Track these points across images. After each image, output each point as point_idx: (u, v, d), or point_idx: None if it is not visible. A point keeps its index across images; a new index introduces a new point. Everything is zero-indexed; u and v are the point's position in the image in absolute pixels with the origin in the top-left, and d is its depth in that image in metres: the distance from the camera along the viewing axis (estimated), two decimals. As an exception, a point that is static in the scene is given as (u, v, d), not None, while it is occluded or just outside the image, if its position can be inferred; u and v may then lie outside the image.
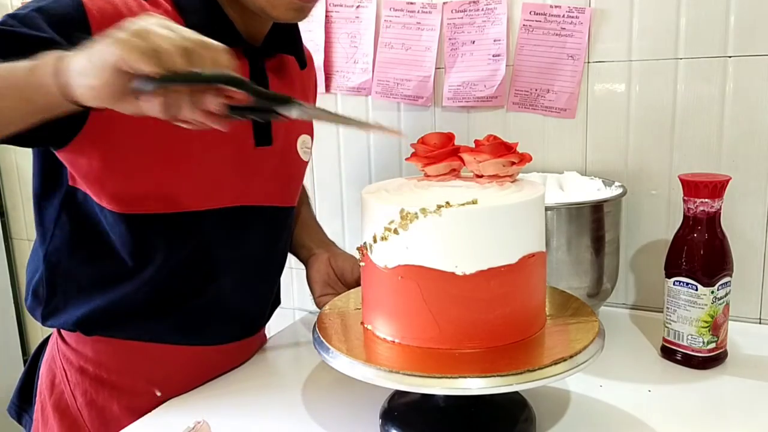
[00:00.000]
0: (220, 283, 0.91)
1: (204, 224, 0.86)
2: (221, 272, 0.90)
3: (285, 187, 0.97)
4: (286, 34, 0.94)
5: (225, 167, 0.86)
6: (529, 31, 1.20)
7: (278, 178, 0.94)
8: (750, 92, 1.07)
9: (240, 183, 0.89)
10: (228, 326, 0.95)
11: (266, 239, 0.96)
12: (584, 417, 0.84)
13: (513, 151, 0.78)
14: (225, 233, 0.89)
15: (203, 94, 0.61)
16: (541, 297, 0.78)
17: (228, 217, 0.88)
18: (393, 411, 0.82)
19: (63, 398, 0.92)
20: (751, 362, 0.97)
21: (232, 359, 0.99)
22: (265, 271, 0.99)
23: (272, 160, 0.92)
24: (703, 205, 0.92)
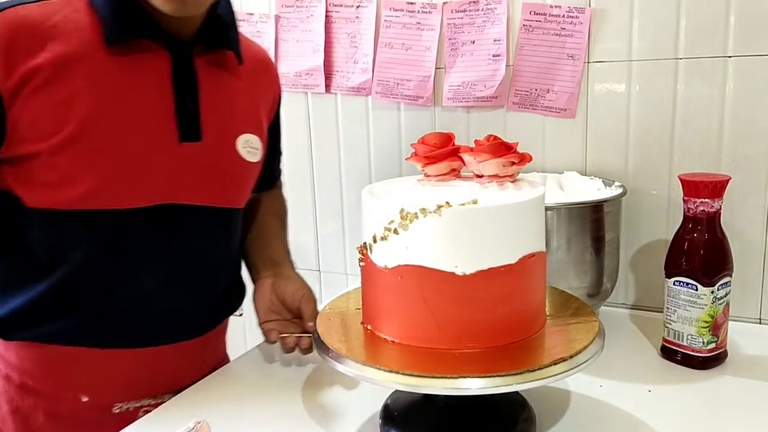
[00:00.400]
0: (143, 284, 0.87)
1: (125, 222, 0.83)
2: (143, 272, 0.87)
3: (222, 187, 0.92)
4: (219, 30, 0.90)
5: (146, 164, 0.83)
6: (529, 31, 1.20)
7: (212, 177, 0.89)
8: (750, 92, 1.07)
9: (164, 180, 0.85)
10: (154, 328, 0.90)
11: (199, 240, 0.91)
12: (584, 417, 0.84)
13: (513, 151, 0.78)
14: (148, 232, 0.85)
15: None
16: (541, 297, 0.78)
17: (152, 215, 0.84)
18: (393, 411, 0.82)
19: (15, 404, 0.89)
20: (751, 362, 0.97)
21: (175, 363, 0.94)
22: (199, 274, 0.93)
23: (203, 158, 0.88)
24: (703, 205, 0.92)
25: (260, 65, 1.01)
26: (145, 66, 0.83)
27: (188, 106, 0.86)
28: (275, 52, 1.43)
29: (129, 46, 0.81)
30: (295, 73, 1.41)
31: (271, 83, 1.03)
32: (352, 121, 1.40)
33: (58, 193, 0.80)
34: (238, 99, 0.93)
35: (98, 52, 0.80)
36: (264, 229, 1.08)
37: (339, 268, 1.49)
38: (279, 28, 1.42)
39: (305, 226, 1.50)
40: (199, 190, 0.88)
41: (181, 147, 0.85)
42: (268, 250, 1.06)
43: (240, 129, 0.93)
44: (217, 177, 0.90)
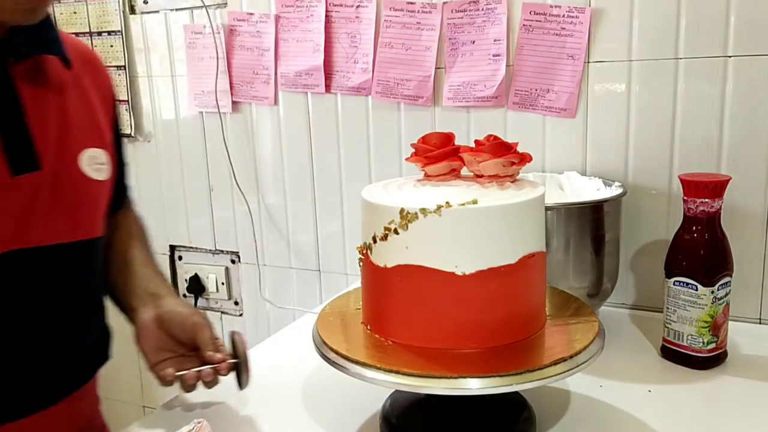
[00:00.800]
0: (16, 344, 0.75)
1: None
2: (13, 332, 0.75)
3: (74, 218, 0.79)
4: (35, 32, 0.74)
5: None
6: (529, 30, 1.20)
7: (61, 209, 0.76)
8: (750, 92, 1.07)
9: (5, 225, 0.71)
10: (18, 397, 0.77)
11: (59, 284, 0.79)
12: (584, 417, 0.84)
13: (513, 151, 0.78)
14: (5, 286, 0.73)
15: None
16: (541, 297, 0.78)
17: (7, 266, 0.72)
18: (393, 411, 0.82)
19: None
20: (751, 362, 0.97)
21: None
22: (64, 324, 0.81)
23: (46, 188, 0.74)
24: (703, 205, 0.92)
25: (88, 66, 0.85)
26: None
27: (15, 131, 0.72)
28: (275, 52, 1.43)
29: None
30: (295, 73, 1.41)
31: (103, 84, 0.88)
32: (352, 121, 1.40)
33: None
34: (72, 111, 0.79)
35: None
36: (128, 261, 0.92)
37: (339, 268, 1.49)
38: (279, 28, 1.42)
39: (305, 226, 1.50)
40: (49, 227, 0.75)
41: (16, 181, 0.71)
42: (141, 283, 0.90)
43: (80, 145, 0.79)
44: (67, 207, 0.77)
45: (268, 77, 1.45)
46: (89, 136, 0.81)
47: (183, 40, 1.52)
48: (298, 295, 1.56)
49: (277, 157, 1.50)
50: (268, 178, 1.52)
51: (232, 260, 1.61)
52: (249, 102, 1.49)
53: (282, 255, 1.54)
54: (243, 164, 1.52)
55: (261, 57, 1.45)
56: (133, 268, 0.91)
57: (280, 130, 1.48)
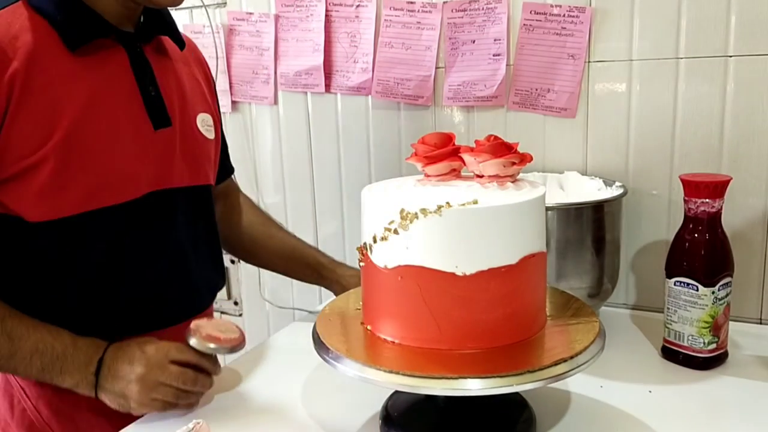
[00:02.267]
0: (154, 269, 0.91)
1: (125, 216, 0.86)
2: (152, 259, 0.91)
3: (197, 166, 0.97)
4: (159, 16, 0.94)
5: (132, 155, 0.86)
6: (530, 30, 1.20)
7: (187, 159, 0.94)
8: (750, 92, 1.07)
9: (151, 169, 0.89)
10: (173, 308, 0.95)
11: (190, 219, 0.96)
12: (584, 418, 0.83)
13: (513, 151, 0.77)
14: (148, 220, 0.89)
15: None
16: (541, 297, 0.78)
17: (147, 204, 0.88)
18: (393, 411, 0.82)
19: (26, 415, 0.91)
20: (752, 362, 0.97)
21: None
22: (199, 250, 0.98)
23: (176, 141, 0.92)
24: (704, 205, 0.92)
25: (191, 50, 1.04)
26: (107, 64, 0.86)
27: (152, 95, 0.89)
28: (275, 52, 1.43)
29: (88, 47, 0.84)
30: (294, 73, 1.41)
31: (202, 65, 1.07)
32: (352, 121, 1.40)
33: (58, 200, 0.81)
34: (185, 82, 0.97)
35: (62, 58, 0.82)
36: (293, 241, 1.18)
37: (339, 268, 1.48)
38: (279, 28, 1.42)
39: (305, 226, 1.49)
40: (181, 172, 0.93)
41: (157, 134, 0.89)
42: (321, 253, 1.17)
43: (195, 109, 0.98)
44: (191, 157, 0.95)
45: (267, 77, 1.45)
46: (199, 103, 1.00)
47: (183, 40, 1.52)
48: (298, 295, 1.55)
49: (277, 157, 1.49)
50: (268, 177, 1.52)
51: (231, 260, 1.61)
52: (248, 102, 1.49)
53: (282, 255, 1.54)
54: (243, 164, 1.52)
55: (260, 57, 1.44)
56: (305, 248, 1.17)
57: (280, 129, 1.48)
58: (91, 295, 0.87)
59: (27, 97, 0.78)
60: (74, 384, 0.83)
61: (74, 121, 0.81)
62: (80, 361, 0.83)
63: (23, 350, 0.81)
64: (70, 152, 0.81)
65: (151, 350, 0.84)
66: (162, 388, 0.82)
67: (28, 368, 0.82)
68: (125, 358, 0.83)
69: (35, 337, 0.82)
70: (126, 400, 0.83)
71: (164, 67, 0.93)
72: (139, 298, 0.91)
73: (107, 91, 0.85)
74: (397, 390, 0.79)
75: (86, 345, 0.84)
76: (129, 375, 0.82)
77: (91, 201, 0.83)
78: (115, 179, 0.85)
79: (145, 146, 0.88)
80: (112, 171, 0.85)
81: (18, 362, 0.82)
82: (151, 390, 0.82)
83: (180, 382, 0.83)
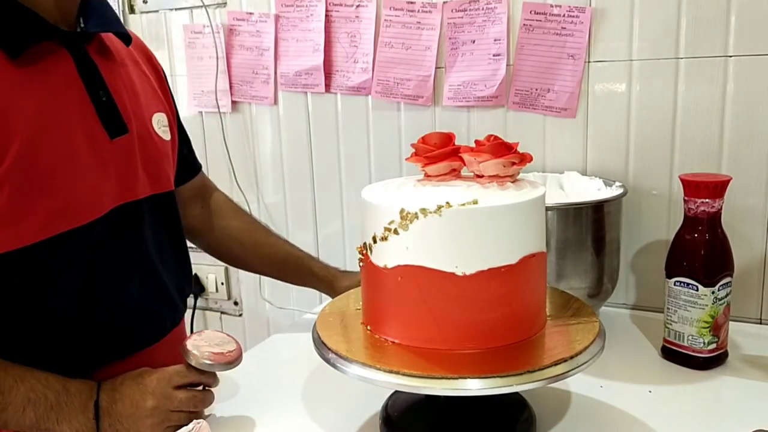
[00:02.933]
0: (126, 288, 0.86)
1: (91, 236, 0.80)
2: (122, 277, 0.85)
3: (158, 173, 0.91)
4: (98, 10, 0.85)
5: (91, 170, 0.79)
6: (530, 30, 1.20)
7: (148, 166, 0.88)
8: (750, 92, 1.07)
9: (112, 182, 0.82)
10: (149, 326, 0.91)
11: (157, 230, 0.91)
12: (584, 418, 0.83)
13: (514, 151, 0.77)
14: (115, 238, 0.83)
15: None
16: (541, 297, 0.78)
17: (112, 220, 0.82)
18: (393, 411, 0.82)
19: None
20: (752, 362, 0.97)
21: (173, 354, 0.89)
22: (169, 261, 0.94)
23: (134, 148, 0.86)
24: (704, 205, 0.92)
25: (138, 48, 0.97)
26: (52, 71, 0.78)
27: (103, 101, 0.82)
28: (275, 52, 1.43)
29: (30, 53, 0.75)
30: (294, 73, 1.41)
31: (150, 60, 0.99)
32: (352, 121, 1.40)
33: (18, 228, 0.74)
34: (135, 81, 0.90)
35: (3, 68, 0.73)
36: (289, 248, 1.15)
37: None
38: (279, 28, 1.42)
39: (305, 226, 1.49)
40: (143, 182, 0.88)
41: (114, 144, 0.82)
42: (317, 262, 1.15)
43: (150, 110, 0.91)
44: (151, 164, 0.89)
45: (267, 77, 1.45)
46: (153, 103, 0.93)
47: (182, 40, 1.52)
48: (297, 295, 1.55)
49: (277, 157, 1.49)
50: (268, 177, 1.52)
51: (231, 260, 1.61)
52: (249, 102, 1.49)
53: (282, 255, 1.54)
54: (242, 164, 1.52)
55: (261, 57, 1.44)
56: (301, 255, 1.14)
57: (280, 129, 1.48)
58: (66, 324, 0.81)
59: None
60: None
61: (26, 140, 0.73)
62: (76, 408, 0.78)
63: (15, 403, 0.75)
64: (25, 175, 0.73)
65: (153, 383, 0.80)
66: (174, 415, 0.80)
67: (20, 421, 0.75)
68: (127, 398, 0.79)
69: (25, 387, 0.76)
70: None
71: (112, 68, 0.85)
72: (117, 317, 0.85)
73: (57, 103, 0.77)
74: (397, 390, 0.79)
75: (78, 390, 0.78)
76: (138, 412, 0.78)
77: (54, 225, 0.76)
78: (76, 199, 0.78)
79: (104, 159, 0.81)
80: (72, 191, 0.77)
81: (9, 416, 0.75)
82: (164, 421, 0.79)
83: (192, 406, 0.81)
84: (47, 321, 0.79)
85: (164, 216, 0.93)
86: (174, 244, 0.97)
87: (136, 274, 0.87)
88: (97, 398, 0.79)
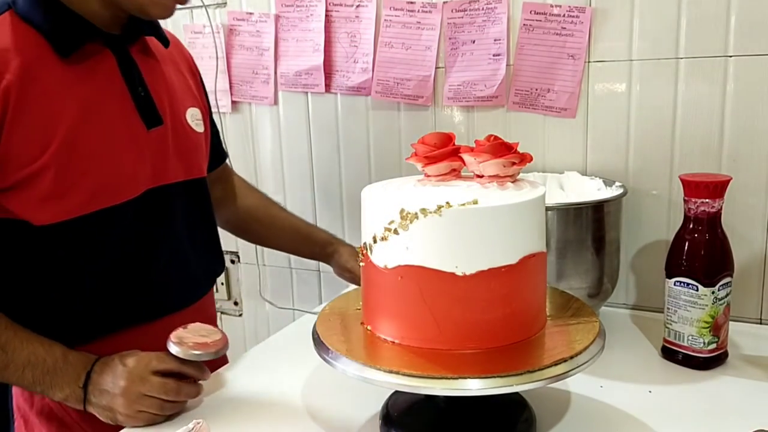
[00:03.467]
0: (156, 261, 0.95)
1: (126, 214, 0.89)
2: (153, 251, 0.94)
3: (190, 161, 1.00)
4: (143, 19, 0.94)
5: (128, 157, 0.89)
6: (530, 30, 1.20)
7: (181, 154, 0.98)
8: (750, 92, 1.07)
9: (147, 167, 0.92)
10: (174, 296, 0.98)
11: (189, 211, 1.00)
12: (584, 418, 0.83)
13: (514, 151, 0.77)
14: (148, 217, 0.92)
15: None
16: (541, 297, 0.78)
17: (146, 201, 0.92)
18: (393, 411, 0.82)
19: (45, 402, 0.93)
20: (752, 362, 0.97)
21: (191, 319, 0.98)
22: (197, 241, 1.02)
23: (168, 138, 0.95)
24: (704, 206, 0.92)
25: (175, 46, 1.06)
26: (97, 69, 0.88)
27: (142, 95, 0.92)
28: (275, 52, 1.43)
29: (78, 54, 0.85)
30: (294, 73, 1.41)
31: (187, 60, 1.10)
32: (351, 121, 1.40)
33: (61, 204, 0.84)
34: (172, 78, 1.00)
35: (54, 66, 0.84)
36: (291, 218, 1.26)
37: (339, 268, 1.48)
38: (279, 28, 1.42)
39: (305, 225, 1.49)
40: (175, 168, 0.97)
41: (150, 134, 0.92)
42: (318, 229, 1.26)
43: (184, 105, 1.01)
44: (184, 153, 0.98)
45: (267, 77, 1.45)
46: (187, 98, 1.02)
47: (182, 40, 1.52)
48: (298, 295, 1.55)
49: (277, 157, 1.49)
50: (268, 177, 1.52)
51: (231, 260, 1.61)
52: (249, 102, 1.49)
53: (282, 255, 1.53)
54: (243, 164, 1.52)
55: (261, 57, 1.44)
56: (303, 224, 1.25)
57: (280, 129, 1.48)
58: (96, 291, 0.90)
59: (23, 109, 0.80)
60: (64, 397, 0.85)
61: (70, 128, 0.83)
62: (70, 376, 0.84)
63: (16, 362, 0.83)
64: (69, 159, 0.83)
65: (132, 362, 0.84)
66: (146, 399, 0.83)
67: (20, 380, 0.84)
68: (109, 372, 0.84)
69: (28, 350, 0.83)
70: (113, 413, 0.84)
71: (151, 66, 0.96)
72: (141, 290, 0.94)
73: (100, 97, 0.87)
74: (397, 390, 0.79)
75: (76, 360, 0.85)
76: (113, 389, 0.83)
77: (93, 203, 0.86)
78: (114, 181, 0.88)
79: (140, 146, 0.91)
80: (110, 173, 0.88)
81: (11, 374, 0.83)
82: (134, 402, 0.83)
83: (162, 393, 0.83)
84: (81, 287, 0.88)
85: (195, 200, 1.02)
86: (205, 226, 1.06)
87: (164, 250, 0.96)
88: (90, 371, 0.85)
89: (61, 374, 0.84)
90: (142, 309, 0.94)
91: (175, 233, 0.98)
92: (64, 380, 0.84)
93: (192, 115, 1.02)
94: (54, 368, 0.84)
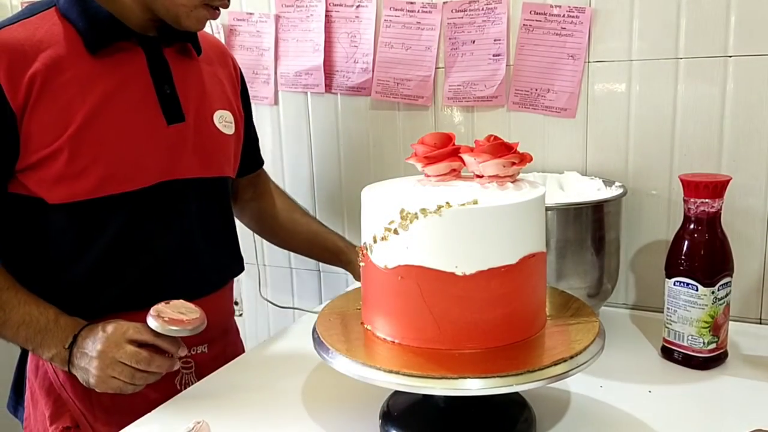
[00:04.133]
0: (163, 250, 0.99)
1: (136, 202, 0.94)
2: (161, 241, 0.98)
3: (209, 159, 1.03)
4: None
5: (144, 148, 0.94)
6: (530, 30, 1.20)
7: (200, 152, 1.01)
8: (750, 92, 1.07)
9: (163, 160, 0.96)
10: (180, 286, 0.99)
11: (202, 208, 1.03)
12: (584, 418, 0.83)
13: (513, 151, 0.77)
14: (159, 207, 0.97)
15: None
16: (541, 297, 0.78)
17: (158, 192, 0.96)
18: (393, 411, 0.82)
19: (47, 377, 0.97)
20: (751, 362, 0.97)
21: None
22: (206, 237, 1.04)
23: (189, 135, 0.99)
24: (704, 205, 0.92)
25: (219, 54, 1.12)
26: (124, 65, 0.94)
27: (167, 93, 0.97)
28: (275, 52, 1.43)
29: (108, 50, 0.92)
30: (295, 73, 1.41)
31: (229, 67, 1.14)
32: (352, 121, 1.40)
33: (73, 186, 0.89)
34: (206, 82, 1.05)
35: (83, 59, 0.90)
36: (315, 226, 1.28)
37: (339, 269, 1.48)
38: (279, 28, 1.42)
39: (305, 225, 1.49)
40: (192, 164, 1.00)
41: (170, 129, 0.97)
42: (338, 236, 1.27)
43: (213, 106, 1.05)
44: (204, 151, 1.02)
45: (267, 77, 1.45)
46: (219, 101, 1.06)
47: (183, 40, 1.52)
48: (298, 295, 1.55)
49: (277, 157, 1.49)
50: (268, 177, 1.52)
51: (231, 260, 1.61)
52: (249, 102, 1.49)
53: (282, 255, 1.54)
54: (243, 164, 1.52)
55: (261, 57, 1.45)
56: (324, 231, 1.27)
57: (280, 130, 1.48)
58: (99, 272, 0.95)
59: (45, 95, 0.87)
60: (51, 357, 0.90)
61: (87, 116, 0.89)
62: (58, 337, 0.89)
63: (12, 320, 0.90)
64: (82, 144, 0.89)
65: (111, 329, 0.88)
66: (118, 366, 0.86)
67: (15, 337, 0.91)
68: (90, 338, 0.88)
69: (24, 309, 0.90)
70: (88, 375, 0.88)
71: (185, 67, 1.01)
72: (148, 276, 0.98)
73: (122, 90, 0.93)
74: (397, 390, 0.79)
75: (66, 323, 0.91)
76: (91, 352, 0.87)
77: (103, 188, 0.91)
78: (125, 169, 0.93)
79: (157, 140, 0.95)
80: (121, 162, 0.92)
81: (6, 330, 0.90)
82: (107, 367, 0.86)
83: (134, 362, 0.86)
84: (85, 266, 0.94)
85: (213, 198, 1.05)
86: (222, 224, 1.09)
87: (171, 243, 0.99)
88: (77, 334, 0.89)
89: (51, 335, 0.89)
90: (147, 294, 0.95)
91: (186, 227, 1.01)
92: (53, 341, 0.89)
93: (221, 117, 1.05)
94: (45, 329, 0.89)
